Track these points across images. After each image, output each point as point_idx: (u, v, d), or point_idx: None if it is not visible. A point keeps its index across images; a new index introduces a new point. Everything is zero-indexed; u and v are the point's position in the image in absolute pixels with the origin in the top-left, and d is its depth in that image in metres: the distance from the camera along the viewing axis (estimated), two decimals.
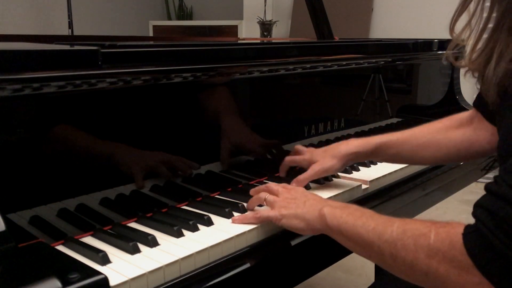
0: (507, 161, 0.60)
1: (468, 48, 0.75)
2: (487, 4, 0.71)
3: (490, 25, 0.71)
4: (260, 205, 0.89)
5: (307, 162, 1.02)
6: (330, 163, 0.99)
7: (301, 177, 0.99)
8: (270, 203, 0.85)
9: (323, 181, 1.04)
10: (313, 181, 1.03)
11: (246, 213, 0.85)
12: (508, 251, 0.55)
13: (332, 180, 1.06)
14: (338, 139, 1.29)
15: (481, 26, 0.72)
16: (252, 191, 0.92)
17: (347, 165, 1.03)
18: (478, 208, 0.60)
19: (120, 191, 0.85)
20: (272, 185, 0.90)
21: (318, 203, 0.81)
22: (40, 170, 0.74)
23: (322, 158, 1.00)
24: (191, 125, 0.96)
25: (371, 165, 1.19)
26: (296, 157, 1.06)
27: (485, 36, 0.72)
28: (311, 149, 1.06)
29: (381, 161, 1.06)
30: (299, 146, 1.09)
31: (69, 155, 0.78)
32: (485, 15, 0.72)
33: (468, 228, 0.60)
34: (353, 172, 1.13)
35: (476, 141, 0.95)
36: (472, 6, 0.72)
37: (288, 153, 1.15)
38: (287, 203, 0.83)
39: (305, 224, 0.80)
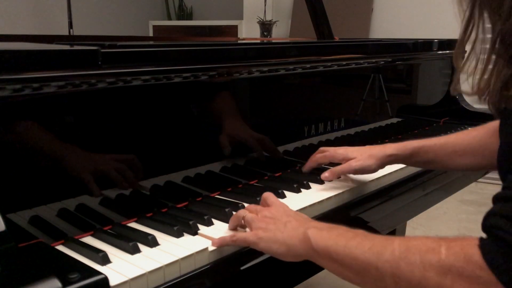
0: None
1: (475, 78, 0.71)
2: (488, 35, 0.70)
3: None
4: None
5: (341, 157, 1.02)
6: (369, 162, 0.99)
7: (337, 168, 0.99)
8: (248, 223, 0.77)
9: (322, 181, 1.03)
10: (313, 182, 1.02)
11: (224, 236, 0.76)
12: None
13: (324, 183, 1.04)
14: (338, 139, 1.29)
15: (486, 55, 0.68)
16: (232, 218, 0.82)
17: (382, 168, 1.03)
18: (491, 217, 0.55)
19: (120, 191, 0.85)
20: (251, 206, 0.82)
21: (301, 225, 0.72)
22: (40, 170, 0.74)
23: (360, 155, 1.00)
24: (191, 125, 0.96)
25: None
26: (328, 154, 1.04)
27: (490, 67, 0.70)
28: (342, 147, 1.05)
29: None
30: (323, 148, 1.07)
31: (69, 155, 0.78)
32: (488, 46, 0.68)
33: (484, 239, 0.54)
34: None
35: None
36: (473, 35, 0.69)
37: (287, 152, 1.15)
38: (266, 223, 0.74)
39: (286, 250, 0.71)
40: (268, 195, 0.83)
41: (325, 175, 1.00)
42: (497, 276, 0.51)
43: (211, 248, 0.74)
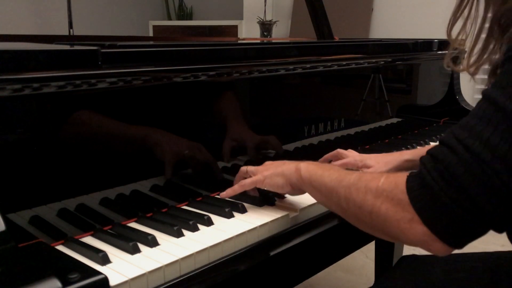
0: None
1: (466, 52, 0.75)
2: (481, 7, 0.72)
3: (486, 27, 0.71)
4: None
5: (360, 164, 1.05)
6: (385, 169, 1.02)
7: None
8: (253, 172, 0.91)
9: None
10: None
11: (232, 187, 0.91)
12: (437, 189, 0.59)
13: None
14: (338, 139, 1.29)
15: (475, 32, 0.73)
16: (237, 174, 0.95)
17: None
18: (426, 155, 0.64)
19: (120, 191, 0.85)
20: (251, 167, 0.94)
21: (296, 163, 0.86)
22: (40, 170, 0.74)
23: (377, 163, 1.03)
24: (192, 125, 0.96)
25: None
26: (347, 161, 1.07)
27: (482, 37, 0.72)
28: (359, 154, 1.09)
29: None
30: (341, 150, 1.12)
31: (69, 155, 0.78)
32: (479, 19, 0.72)
33: (413, 172, 0.65)
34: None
35: None
36: (466, 10, 0.73)
37: (288, 152, 1.15)
38: (268, 167, 0.90)
39: (284, 180, 0.85)
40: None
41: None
42: (410, 199, 0.62)
43: (211, 248, 0.74)
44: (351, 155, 1.09)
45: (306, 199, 0.93)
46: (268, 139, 1.11)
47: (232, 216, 0.86)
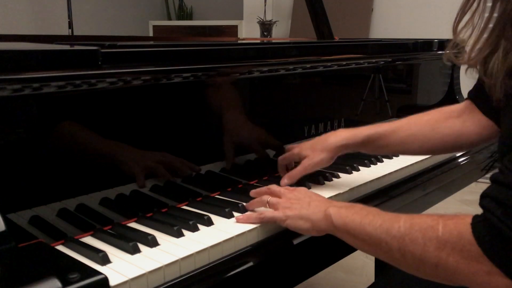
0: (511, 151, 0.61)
1: (468, 47, 0.75)
2: (489, 4, 0.72)
3: (491, 25, 0.71)
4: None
5: (297, 157, 1.02)
6: (320, 156, 0.99)
7: (292, 172, 0.99)
8: (273, 205, 0.85)
9: (323, 181, 1.04)
10: (313, 182, 1.03)
11: (249, 213, 0.85)
12: None
13: (332, 180, 1.06)
14: None
15: (482, 25, 0.72)
16: (252, 193, 0.92)
17: (336, 157, 1.02)
18: (485, 198, 0.61)
19: (120, 191, 0.85)
20: (274, 187, 0.90)
21: (323, 204, 0.81)
22: (40, 170, 0.74)
23: (312, 152, 1.00)
24: (191, 125, 0.95)
25: (371, 165, 1.19)
26: (286, 154, 1.05)
27: (485, 36, 0.72)
28: (301, 144, 1.06)
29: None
30: (289, 145, 1.09)
31: (69, 155, 0.78)
32: (486, 14, 0.72)
33: (476, 218, 0.60)
34: (353, 172, 1.13)
35: (464, 133, 0.97)
36: (474, 5, 0.73)
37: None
38: (291, 203, 0.83)
39: (311, 225, 0.80)
40: (277, 187, 0.90)
41: (284, 181, 0.99)
42: (484, 251, 0.58)
43: (211, 248, 0.74)
44: (291, 147, 1.06)
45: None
46: (267, 138, 1.12)
47: (232, 216, 0.86)
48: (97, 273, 0.60)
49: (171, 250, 0.72)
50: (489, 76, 0.71)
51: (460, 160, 1.38)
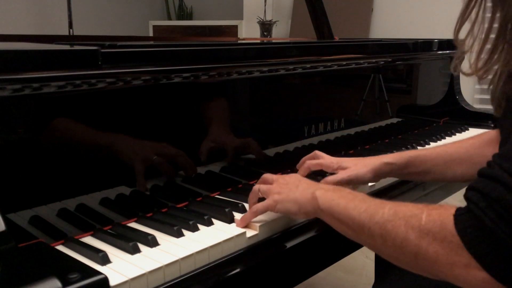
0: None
1: (472, 57, 0.73)
2: (488, 15, 0.71)
3: (492, 36, 0.70)
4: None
5: (335, 166, 0.98)
6: (363, 170, 0.95)
7: (331, 178, 0.95)
8: (265, 193, 0.85)
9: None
10: None
11: (244, 214, 0.84)
12: (499, 231, 0.55)
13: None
14: (338, 139, 1.29)
15: (483, 35, 0.71)
16: (250, 195, 0.89)
17: (379, 178, 0.99)
18: (470, 190, 0.60)
19: (120, 191, 0.85)
20: (266, 174, 0.90)
21: (311, 187, 0.81)
22: (40, 170, 0.74)
23: (354, 165, 0.96)
24: (191, 125, 0.96)
25: None
26: (323, 161, 1.00)
27: (488, 46, 0.71)
28: (336, 157, 1.01)
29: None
30: (319, 152, 1.03)
31: (69, 155, 0.78)
32: (486, 24, 0.70)
33: (459, 209, 0.60)
34: None
35: None
36: (473, 14, 0.72)
37: (288, 152, 1.15)
38: (280, 188, 0.83)
39: (298, 207, 0.80)
40: (270, 175, 0.89)
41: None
42: (464, 242, 0.57)
43: (211, 248, 0.74)
44: (327, 157, 1.02)
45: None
46: (266, 138, 1.11)
47: (232, 216, 0.85)
48: (97, 273, 0.60)
49: (171, 250, 0.72)
50: (490, 89, 0.70)
51: None
